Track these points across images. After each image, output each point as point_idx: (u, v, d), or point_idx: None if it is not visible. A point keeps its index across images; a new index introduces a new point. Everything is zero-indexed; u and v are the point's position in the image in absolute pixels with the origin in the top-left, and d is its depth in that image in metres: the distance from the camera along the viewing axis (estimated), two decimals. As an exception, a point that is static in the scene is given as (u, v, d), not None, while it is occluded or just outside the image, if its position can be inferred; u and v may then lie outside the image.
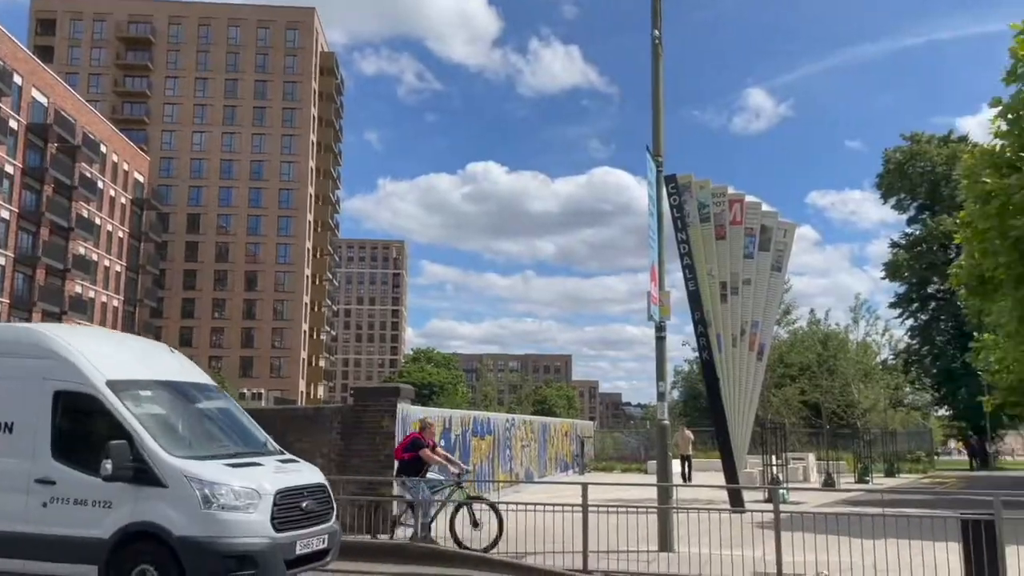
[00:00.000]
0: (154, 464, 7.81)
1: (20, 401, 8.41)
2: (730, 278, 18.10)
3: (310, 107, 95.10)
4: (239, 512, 7.73)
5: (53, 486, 8.05)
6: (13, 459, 8.26)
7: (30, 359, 8.56)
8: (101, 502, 7.87)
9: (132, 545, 7.72)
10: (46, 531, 7.95)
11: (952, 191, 41.98)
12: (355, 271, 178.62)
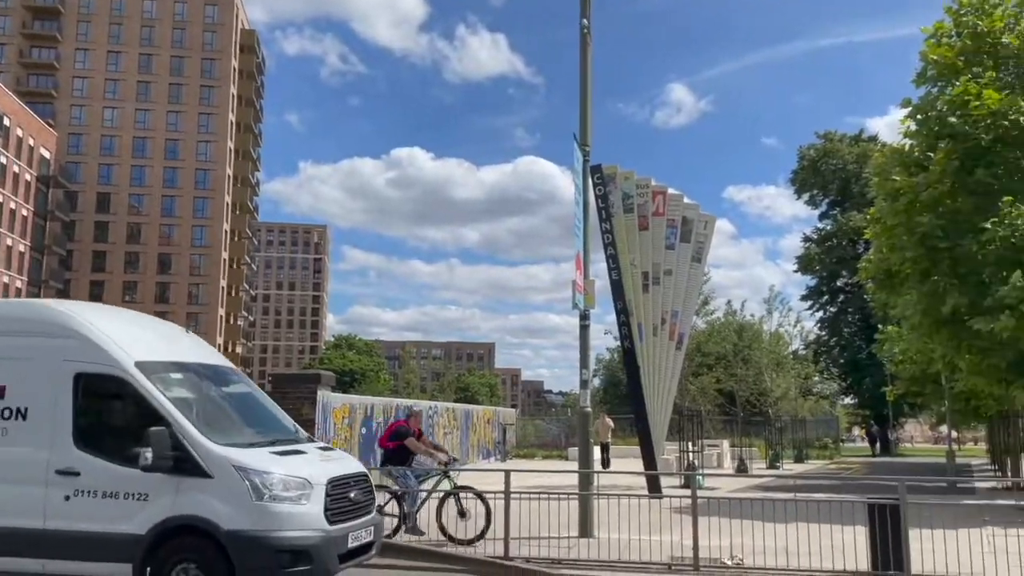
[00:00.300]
0: (197, 453, 7.15)
1: (34, 384, 7.65)
2: (652, 268, 18.40)
3: (229, 85, 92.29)
4: (292, 503, 7.15)
5: (77, 477, 7.30)
6: (28, 448, 7.51)
7: (45, 338, 7.78)
8: (135, 494, 7.18)
9: (173, 541, 7.07)
10: (70, 527, 7.21)
11: (862, 188, 43.68)
12: (275, 255, 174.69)
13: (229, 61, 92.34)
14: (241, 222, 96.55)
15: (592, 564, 9.84)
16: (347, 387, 79.67)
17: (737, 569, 9.48)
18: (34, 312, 8.22)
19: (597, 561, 9.88)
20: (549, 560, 10.00)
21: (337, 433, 14.01)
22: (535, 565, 9.83)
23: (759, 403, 36.41)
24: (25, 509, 7.33)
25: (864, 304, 44.40)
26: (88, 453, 7.39)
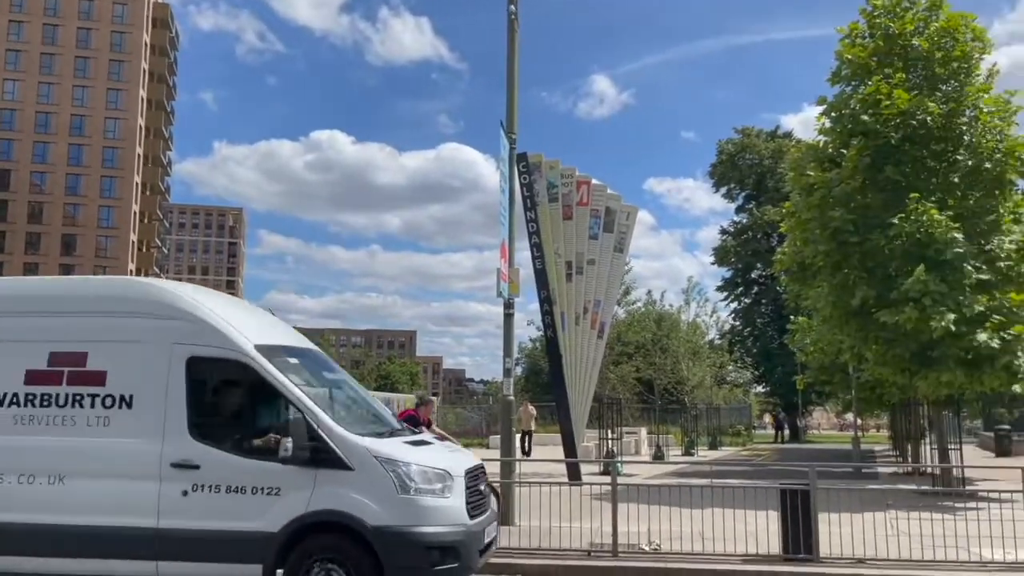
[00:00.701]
0: (334, 443, 6.60)
1: (141, 369, 6.99)
2: (575, 258, 18.52)
3: (140, 60, 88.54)
4: (435, 496, 6.67)
5: (196, 471, 6.67)
6: (136, 439, 6.84)
7: (151, 319, 7.10)
8: (265, 489, 6.57)
9: (310, 539, 6.53)
10: (188, 525, 6.60)
11: (776, 183, 45.02)
12: (187, 238, 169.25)
13: (140, 35, 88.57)
14: (151, 203, 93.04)
15: (512, 552, 9.83)
16: (263, 374, 77.85)
17: (655, 554, 9.62)
18: (137, 290, 7.48)
19: (517, 549, 9.88)
20: (470, 549, 9.94)
21: (253, 422, 13.65)
22: (456, 554, 9.77)
23: (676, 391, 37.22)
24: (136, 506, 6.68)
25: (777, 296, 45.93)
26: (207, 444, 6.77)
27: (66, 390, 7.02)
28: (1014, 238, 15.92)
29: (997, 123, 16.25)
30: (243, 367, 6.95)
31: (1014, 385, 15.84)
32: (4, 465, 6.94)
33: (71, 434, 6.93)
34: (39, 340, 7.18)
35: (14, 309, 7.42)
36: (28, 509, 6.78)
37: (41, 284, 8.31)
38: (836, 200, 16.53)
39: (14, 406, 7.06)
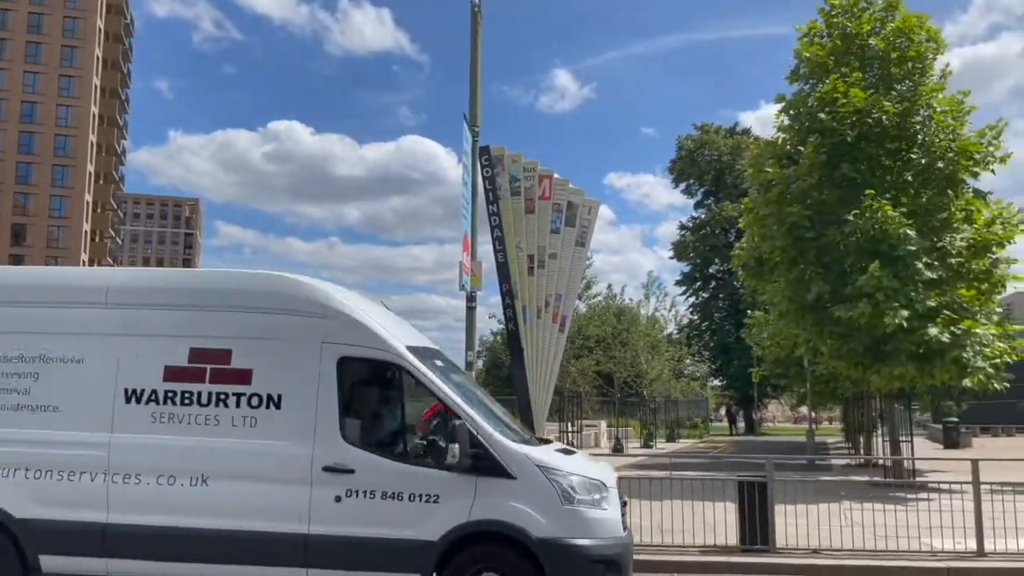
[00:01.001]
0: (495, 450, 6.37)
1: (289, 368, 6.70)
2: (537, 251, 18.49)
3: (94, 46, 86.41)
4: (595, 508, 6.45)
5: (350, 475, 6.37)
6: (285, 441, 6.54)
7: (300, 316, 6.82)
8: (423, 496, 6.31)
9: (471, 549, 6.27)
10: (341, 532, 6.32)
11: (735, 179, 45.60)
12: (142, 229, 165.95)
13: (94, 20, 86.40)
14: (105, 192, 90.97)
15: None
16: (220, 368, 76.83)
17: (616, 547, 9.69)
18: (284, 286, 7.09)
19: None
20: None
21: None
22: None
23: (635, 384, 37.56)
24: (285, 511, 6.39)
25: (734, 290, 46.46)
26: (361, 448, 6.52)
27: (209, 388, 6.72)
28: (965, 235, 16.30)
29: (950, 123, 16.62)
30: (397, 369, 6.76)
31: (963, 379, 16.24)
32: (142, 465, 6.64)
33: (215, 434, 6.62)
34: (178, 335, 6.89)
35: (152, 302, 7.07)
36: (168, 511, 6.51)
37: (179, 276, 8.06)
38: (793, 196, 16.78)
39: (152, 403, 6.76)
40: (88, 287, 7.29)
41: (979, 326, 15.75)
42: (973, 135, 16.68)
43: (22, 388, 6.90)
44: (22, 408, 6.86)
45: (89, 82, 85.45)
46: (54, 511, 6.62)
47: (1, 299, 7.22)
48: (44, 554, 6.62)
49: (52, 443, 6.73)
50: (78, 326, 7.01)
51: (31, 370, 6.94)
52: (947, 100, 16.87)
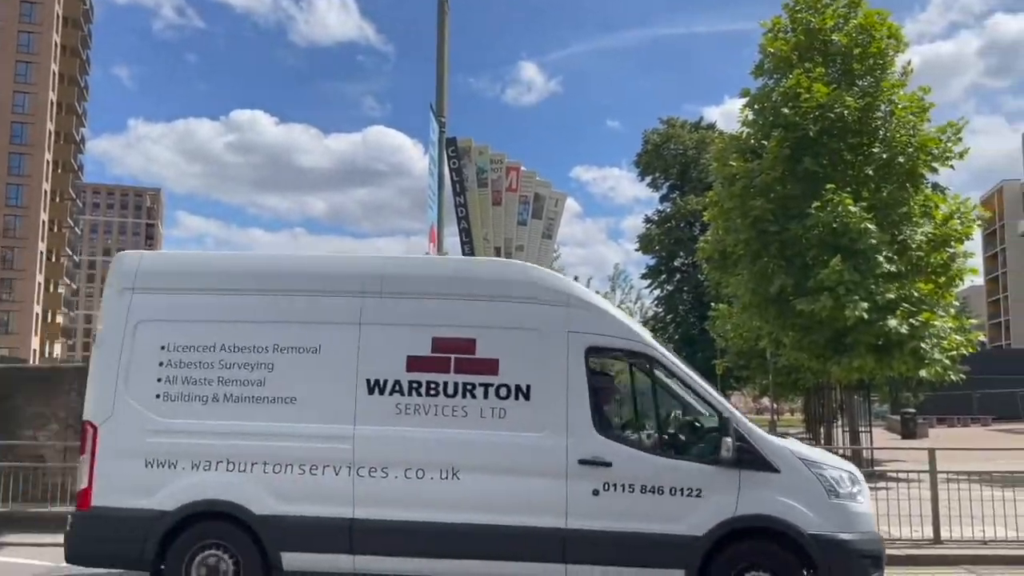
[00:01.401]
0: (757, 443, 6.23)
1: (536, 358, 6.47)
2: (504, 244, 18.49)
3: (52, 32, 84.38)
4: (856, 502, 6.30)
5: (607, 469, 6.18)
6: (537, 433, 6.33)
7: (545, 305, 6.58)
8: (685, 489, 6.14)
9: (738, 545, 6.10)
10: (601, 527, 6.14)
11: (700, 173, 45.98)
12: (102, 219, 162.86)
13: (52, 6, 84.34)
14: (63, 181, 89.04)
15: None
16: (182, 360, 75.78)
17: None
18: (527, 275, 6.87)
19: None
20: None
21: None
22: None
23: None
24: (542, 505, 6.20)
25: (699, 283, 46.99)
26: (615, 440, 6.37)
27: (455, 378, 6.49)
28: (924, 230, 16.61)
29: (910, 119, 16.90)
30: (647, 359, 6.65)
31: (921, 370, 16.58)
32: (388, 458, 6.40)
33: (463, 426, 6.39)
34: (420, 324, 6.64)
35: (391, 290, 6.79)
36: (417, 506, 6.29)
37: (419, 264, 7.65)
38: (757, 190, 16.96)
39: (396, 394, 6.50)
40: (325, 275, 7.00)
41: (937, 319, 16.08)
42: (934, 132, 16.98)
43: (256, 379, 6.59)
44: (257, 400, 6.56)
45: (47, 69, 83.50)
46: (297, 507, 6.36)
47: (232, 288, 6.91)
48: (287, 551, 6.36)
49: (291, 436, 6.46)
50: (314, 315, 6.72)
51: (265, 360, 6.62)
52: (908, 97, 17.15)
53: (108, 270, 7.06)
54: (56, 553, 9.25)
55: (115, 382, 6.64)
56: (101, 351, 6.85)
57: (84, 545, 6.58)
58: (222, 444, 6.48)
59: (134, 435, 6.52)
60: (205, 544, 6.41)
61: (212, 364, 6.63)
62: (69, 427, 12.05)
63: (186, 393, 6.61)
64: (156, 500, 6.41)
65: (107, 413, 6.59)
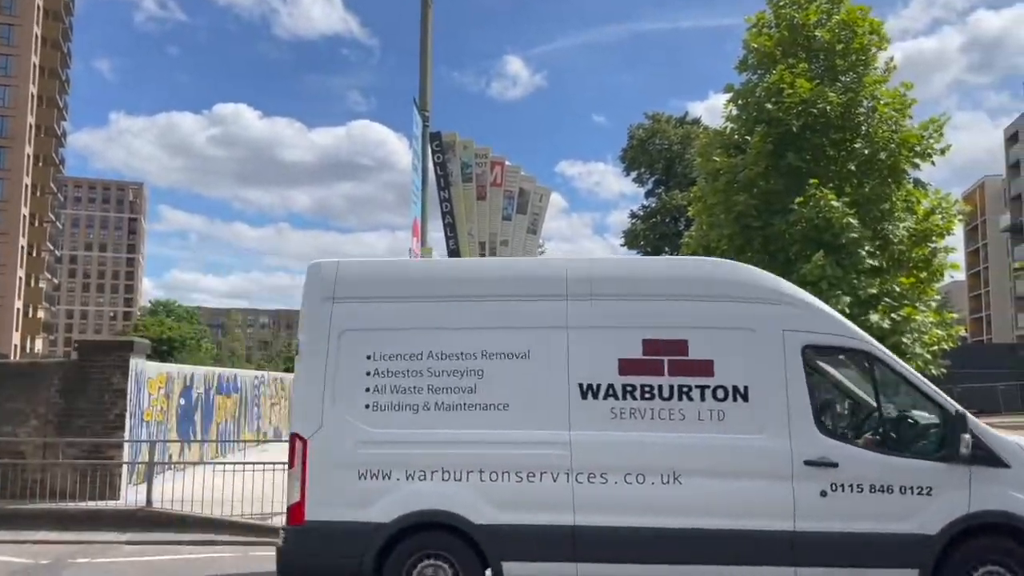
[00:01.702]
0: (987, 439, 6.20)
1: (751, 358, 6.41)
2: (488, 238, 18.50)
3: (32, 24, 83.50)
4: None
5: (833, 469, 6.13)
6: (757, 435, 6.26)
7: (757, 304, 6.50)
8: (915, 488, 6.09)
9: (972, 542, 6.05)
10: (830, 528, 6.08)
11: (685, 169, 46.04)
12: (83, 213, 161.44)
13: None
14: (44, 175, 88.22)
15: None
16: (165, 356, 75.38)
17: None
18: (736, 274, 6.78)
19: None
20: (379, 530, 9.87)
21: (152, 404, 13.14)
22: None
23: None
24: (769, 508, 6.14)
25: (684, 278, 47.04)
26: (839, 440, 6.33)
27: (669, 381, 6.42)
28: (906, 225, 16.70)
29: (892, 114, 16.97)
30: (865, 356, 6.57)
31: (902, 365, 16.66)
32: (607, 463, 6.32)
33: (681, 429, 6.33)
34: (629, 326, 6.56)
35: (599, 292, 6.71)
36: (638, 511, 6.22)
37: (627, 265, 7.50)
38: (740, 185, 16.98)
39: (611, 398, 6.42)
40: (529, 279, 6.91)
41: (918, 313, 16.16)
42: (916, 128, 17.05)
43: (466, 387, 6.51)
44: (468, 407, 6.47)
45: (27, 61, 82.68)
46: (516, 515, 6.27)
47: (435, 295, 6.81)
48: (508, 560, 6.27)
49: (506, 443, 6.37)
50: (522, 320, 6.64)
51: (474, 367, 6.54)
52: (890, 93, 17.22)
53: (305, 280, 6.94)
54: (35, 550, 9.22)
55: (322, 393, 6.56)
56: (305, 362, 6.71)
57: (300, 560, 6.43)
58: (436, 453, 6.40)
59: (345, 447, 6.44)
60: (423, 555, 6.35)
61: (420, 372, 6.56)
62: (49, 423, 11.98)
63: (396, 402, 6.53)
64: (371, 512, 6.34)
65: (316, 425, 6.49)
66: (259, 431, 21.06)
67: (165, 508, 10.79)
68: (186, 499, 10.94)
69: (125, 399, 12.02)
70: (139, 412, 12.53)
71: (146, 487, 11.05)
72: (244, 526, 10.22)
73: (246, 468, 11.26)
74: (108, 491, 11.47)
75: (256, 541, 9.82)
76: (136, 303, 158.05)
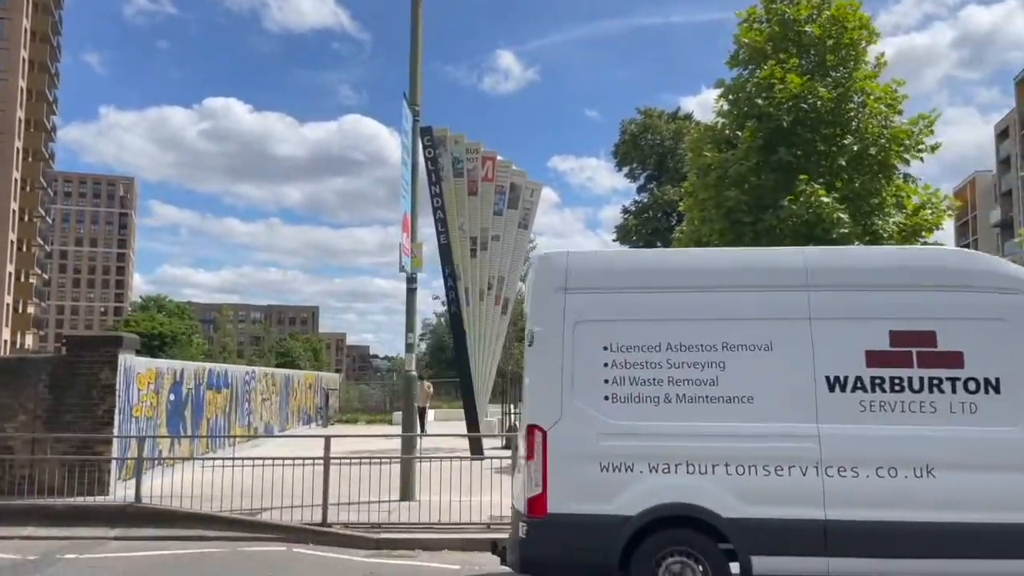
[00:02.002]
0: None
1: (1002, 349, 6.28)
2: (480, 233, 18.49)
3: (22, 17, 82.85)
4: None
5: None
6: (1012, 428, 6.18)
7: (1006, 294, 6.39)
8: None
9: None
10: None
11: (677, 164, 46.09)
12: (73, 208, 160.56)
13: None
14: (34, 170, 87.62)
15: (412, 527, 9.83)
16: (156, 351, 75.09)
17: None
18: (988, 264, 6.66)
19: (417, 524, 9.88)
20: (369, 524, 9.89)
21: (142, 400, 13.09)
22: (353, 530, 9.69)
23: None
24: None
25: (676, 273, 47.13)
26: None
27: (919, 373, 6.33)
28: (896, 220, 16.75)
29: (883, 109, 17.00)
30: None
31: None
32: (857, 456, 6.24)
33: (932, 422, 6.26)
34: (875, 318, 6.47)
35: (845, 282, 6.61)
36: (891, 505, 6.16)
37: (872, 255, 7.36)
38: (731, 180, 16.99)
39: (859, 391, 6.35)
40: (768, 269, 6.80)
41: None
42: (906, 124, 17.09)
43: (708, 379, 6.44)
44: (711, 400, 6.41)
45: (17, 54, 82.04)
46: (765, 509, 6.20)
47: (671, 285, 6.72)
48: (758, 555, 6.19)
49: (752, 436, 6.31)
50: (762, 311, 6.56)
51: (715, 359, 6.47)
52: (881, 88, 17.25)
53: (533, 270, 6.88)
54: (23, 546, 9.18)
55: (560, 385, 6.49)
56: (539, 353, 6.64)
57: (542, 553, 6.35)
58: (680, 446, 6.34)
59: (586, 439, 6.38)
60: (670, 550, 6.28)
61: (659, 364, 6.49)
62: (37, 419, 11.92)
63: (635, 394, 6.47)
64: (615, 505, 6.28)
65: (555, 417, 6.43)
66: (250, 426, 21.02)
67: (154, 504, 10.75)
68: (175, 495, 10.92)
69: (114, 395, 11.96)
70: (128, 408, 12.48)
71: (135, 483, 11.00)
72: (233, 521, 10.20)
73: (235, 464, 11.24)
74: (97, 487, 11.43)
75: (245, 536, 9.79)
76: (127, 298, 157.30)
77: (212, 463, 11.52)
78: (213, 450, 16.92)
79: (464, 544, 9.25)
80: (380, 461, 11.05)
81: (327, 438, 10.75)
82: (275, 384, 24.55)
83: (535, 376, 6.65)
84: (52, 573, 8.20)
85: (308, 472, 10.65)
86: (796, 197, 15.75)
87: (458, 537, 9.41)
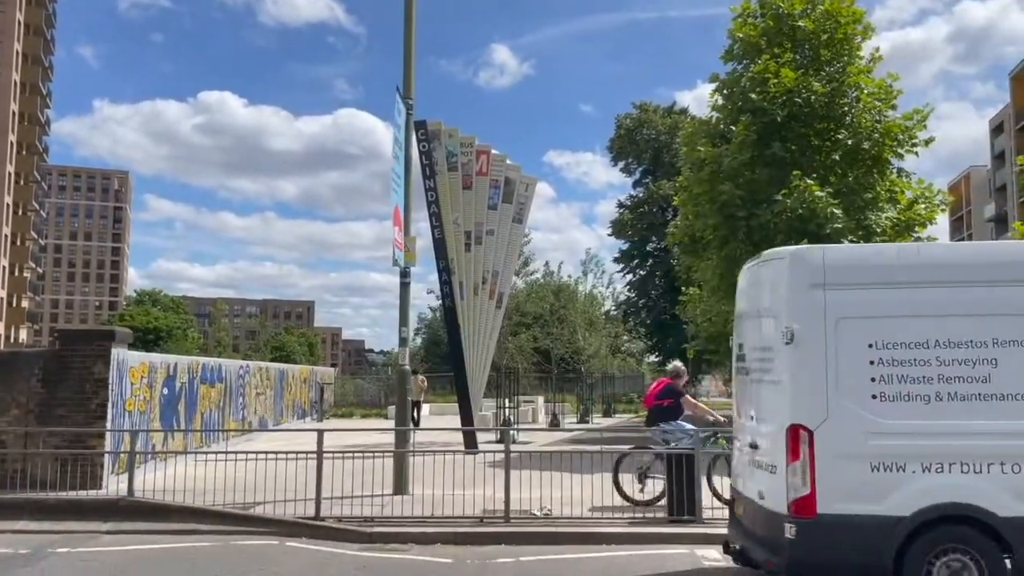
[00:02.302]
0: None
1: None
2: (474, 227, 18.48)
3: (15, 10, 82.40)
4: None
5: None
6: None
7: None
8: None
9: None
10: None
11: (672, 158, 46.06)
12: (68, 202, 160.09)
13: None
14: (28, 164, 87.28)
15: (405, 520, 9.84)
16: (151, 345, 74.99)
17: (545, 519, 9.81)
18: None
19: (410, 517, 9.89)
20: (362, 518, 9.89)
21: (135, 394, 13.07)
22: (347, 524, 9.70)
23: (572, 360, 37.84)
24: None
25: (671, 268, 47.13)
26: None
27: None
28: (889, 215, 16.79)
29: (877, 104, 17.02)
30: None
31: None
32: None
33: None
34: None
35: None
36: None
37: None
38: (725, 175, 17.01)
39: None
40: None
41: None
42: (900, 119, 17.11)
43: (979, 376, 6.33)
44: (983, 397, 6.32)
45: (10, 48, 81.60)
46: None
47: (937, 280, 6.59)
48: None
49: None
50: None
51: (987, 356, 6.37)
52: (875, 83, 17.26)
53: (784, 266, 6.77)
54: (15, 540, 9.18)
55: (824, 384, 6.40)
56: (800, 351, 6.51)
57: (813, 554, 6.30)
58: (952, 445, 6.28)
59: (854, 438, 6.32)
60: (943, 549, 6.23)
61: (928, 361, 6.40)
62: (30, 412, 11.90)
63: (905, 392, 6.38)
64: (887, 506, 6.24)
65: (822, 416, 6.35)
66: (244, 421, 21.02)
67: (147, 498, 10.74)
68: (168, 489, 10.91)
69: (107, 388, 11.94)
70: (121, 401, 12.46)
71: (128, 477, 10.99)
72: (226, 515, 10.19)
73: (228, 458, 11.24)
74: (90, 481, 11.41)
75: (238, 530, 9.80)
76: (122, 292, 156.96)
77: (205, 457, 11.51)
78: (207, 444, 16.91)
79: (457, 538, 9.26)
80: (374, 455, 11.05)
81: (320, 432, 10.76)
82: (269, 378, 24.54)
83: (797, 376, 6.53)
84: (44, 567, 8.19)
85: (301, 466, 10.65)
86: (790, 192, 15.77)
87: (451, 531, 9.42)
